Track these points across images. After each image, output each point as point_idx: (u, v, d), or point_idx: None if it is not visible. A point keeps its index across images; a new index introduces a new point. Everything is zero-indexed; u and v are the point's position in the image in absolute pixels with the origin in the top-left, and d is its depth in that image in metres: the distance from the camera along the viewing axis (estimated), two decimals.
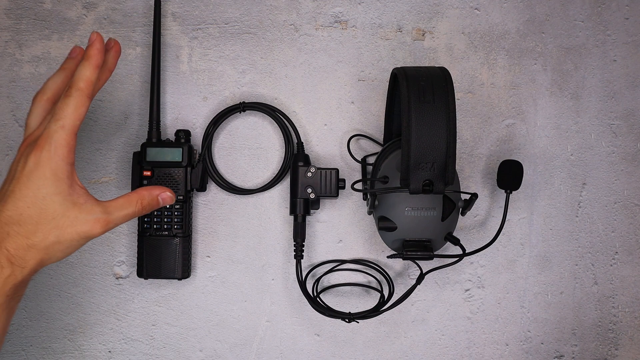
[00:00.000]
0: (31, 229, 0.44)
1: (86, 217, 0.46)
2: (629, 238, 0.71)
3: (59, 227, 0.45)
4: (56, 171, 0.45)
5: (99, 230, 0.47)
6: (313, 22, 0.71)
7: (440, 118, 0.51)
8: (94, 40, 0.48)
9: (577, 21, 0.71)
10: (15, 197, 0.45)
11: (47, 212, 0.45)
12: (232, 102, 0.70)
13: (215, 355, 0.69)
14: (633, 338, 0.70)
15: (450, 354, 0.70)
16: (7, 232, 0.44)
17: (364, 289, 0.70)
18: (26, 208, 0.44)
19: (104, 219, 0.47)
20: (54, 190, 0.45)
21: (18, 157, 0.47)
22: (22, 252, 0.44)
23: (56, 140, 0.45)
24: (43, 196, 0.45)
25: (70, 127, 0.46)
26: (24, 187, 0.45)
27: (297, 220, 0.67)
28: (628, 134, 0.71)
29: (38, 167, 0.45)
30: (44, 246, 0.45)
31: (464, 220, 0.70)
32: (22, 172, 0.45)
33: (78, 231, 0.46)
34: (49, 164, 0.45)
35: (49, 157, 0.45)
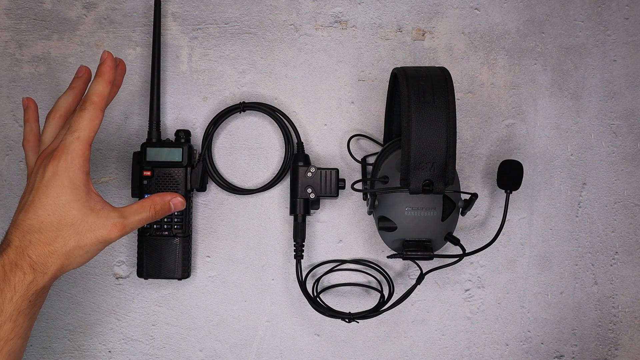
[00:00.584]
0: (52, 236, 0.46)
1: (104, 222, 0.48)
2: (629, 238, 0.71)
3: (78, 232, 0.47)
4: (73, 179, 0.47)
5: (116, 234, 0.49)
6: (313, 22, 0.71)
7: (440, 118, 0.51)
8: (106, 59, 0.52)
9: (577, 21, 0.71)
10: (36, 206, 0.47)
11: (66, 219, 0.47)
12: (232, 102, 0.70)
13: (215, 355, 0.69)
14: (633, 338, 0.70)
15: (450, 354, 0.70)
16: (29, 240, 0.46)
17: (364, 289, 0.70)
18: (46, 216, 0.47)
19: (121, 223, 0.49)
20: (72, 197, 0.47)
21: (36, 169, 0.49)
22: (43, 259, 0.46)
23: (72, 150, 0.48)
24: (62, 204, 0.47)
25: (86, 138, 0.48)
26: (43, 196, 0.47)
27: (297, 220, 0.67)
28: (628, 134, 0.71)
29: (56, 176, 0.47)
30: (64, 252, 0.47)
31: (464, 220, 0.70)
32: (41, 182, 0.47)
33: (97, 236, 0.48)
34: (67, 173, 0.47)
35: (66, 166, 0.47)
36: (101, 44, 0.70)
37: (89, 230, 0.48)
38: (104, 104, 0.50)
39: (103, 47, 0.70)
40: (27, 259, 0.46)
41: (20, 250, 0.46)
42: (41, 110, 0.70)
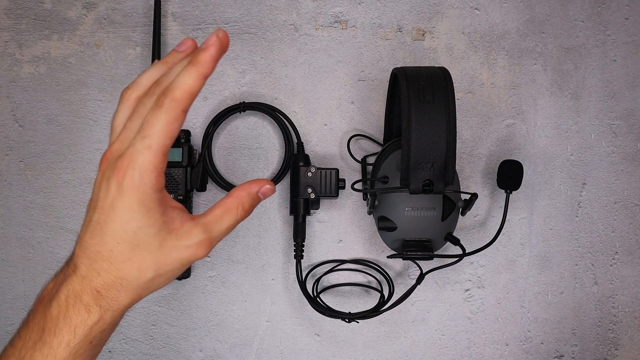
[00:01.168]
0: (125, 268, 0.38)
1: (186, 242, 0.39)
2: (629, 238, 0.70)
3: (156, 261, 0.39)
4: (144, 201, 0.37)
5: (204, 253, 0.40)
6: (313, 22, 0.71)
7: (440, 118, 0.51)
8: (211, 45, 0.37)
9: (577, 21, 0.71)
10: (103, 230, 0.38)
11: (140, 248, 0.38)
12: (232, 102, 0.70)
13: (215, 355, 0.69)
14: (633, 338, 0.70)
15: (450, 354, 0.70)
16: (97, 270, 0.38)
17: (364, 289, 0.70)
18: (116, 244, 0.38)
19: (207, 239, 0.40)
20: (146, 223, 0.38)
21: (99, 178, 0.39)
22: (114, 293, 0.38)
23: (141, 164, 0.36)
24: (134, 231, 0.37)
25: (159, 148, 0.37)
26: (109, 220, 0.37)
27: (297, 220, 0.67)
28: (628, 134, 0.71)
29: (122, 196, 0.37)
30: (141, 283, 0.39)
31: (464, 220, 0.70)
32: (106, 200, 0.37)
33: (179, 260, 0.40)
34: (135, 194, 0.37)
35: (133, 185, 0.36)
36: (101, 44, 0.70)
37: (169, 257, 0.39)
38: (188, 103, 0.37)
39: (103, 47, 0.70)
40: (93, 293, 0.37)
41: (87, 280, 0.38)
42: (40, 109, 0.70)
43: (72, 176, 0.70)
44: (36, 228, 0.69)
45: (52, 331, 0.37)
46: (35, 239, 0.69)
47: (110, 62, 0.70)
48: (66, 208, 0.69)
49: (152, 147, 0.37)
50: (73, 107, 0.70)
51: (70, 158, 0.70)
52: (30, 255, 0.69)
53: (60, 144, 0.70)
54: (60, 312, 0.37)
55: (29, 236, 0.69)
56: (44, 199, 0.69)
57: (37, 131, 0.70)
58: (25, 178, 0.69)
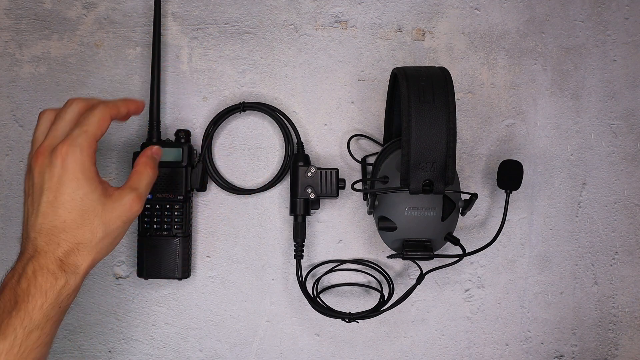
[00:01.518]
0: (79, 232, 0.46)
1: (122, 201, 0.48)
2: (629, 238, 0.70)
3: (103, 222, 0.47)
4: (85, 171, 0.46)
5: (138, 207, 0.49)
6: (313, 22, 0.71)
7: (440, 118, 0.51)
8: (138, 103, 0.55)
9: (577, 21, 0.71)
10: (54, 205, 0.46)
11: (88, 212, 0.46)
12: (232, 102, 0.70)
13: (215, 355, 0.69)
14: (633, 338, 0.70)
15: (450, 354, 0.70)
16: (56, 242, 0.45)
17: (364, 289, 0.70)
18: (68, 213, 0.46)
19: (136, 195, 0.49)
20: (89, 189, 0.46)
21: (39, 169, 0.47)
22: (73, 258, 0.46)
23: (81, 142, 0.46)
24: (81, 197, 0.46)
25: (93, 134, 0.47)
26: (59, 193, 0.46)
27: (297, 220, 0.67)
28: (628, 134, 0.71)
29: (67, 171, 0.46)
30: (94, 244, 0.46)
31: (464, 220, 0.70)
32: (52, 181, 0.46)
33: (121, 217, 0.48)
34: (78, 166, 0.46)
35: (76, 159, 0.46)
36: (101, 44, 0.70)
37: (113, 215, 0.47)
38: (115, 112, 0.50)
39: (103, 47, 0.70)
40: (57, 261, 0.45)
41: (49, 253, 0.45)
42: (40, 109, 0.70)
43: None
44: None
45: (25, 299, 0.43)
46: None
47: (110, 62, 0.70)
48: None
49: (88, 132, 0.47)
50: None
51: None
52: None
53: None
54: (30, 284, 0.44)
55: None
56: None
57: None
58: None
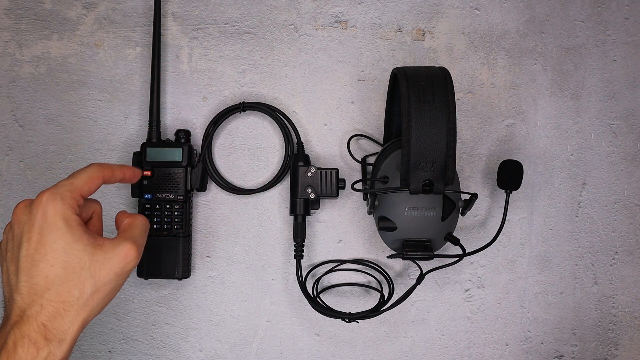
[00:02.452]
0: (63, 289, 0.40)
1: (115, 252, 0.42)
2: (629, 238, 0.70)
3: (91, 275, 0.41)
4: (67, 220, 0.41)
5: (134, 256, 0.43)
6: (313, 22, 0.71)
7: (440, 118, 0.51)
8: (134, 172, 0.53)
9: (577, 21, 0.71)
10: (34, 259, 0.40)
11: (73, 264, 0.40)
12: (232, 102, 0.70)
13: (215, 355, 0.69)
14: (633, 338, 0.70)
15: (450, 354, 0.70)
16: (39, 304, 0.39)
17: (364, 289, 0.70)
18: (49, 267, 0.40)
19: (132, 243, 0.43)
20: (72, 238, 0.41)
21: (18, 219, 0.42)
22: (59, 322, 0.39)
23: (63, 192, 0.42)
24: (63, 248, 0.40)
25: (78, 187, 0.43)
26: (39, 245, 0.40)
27: (297, 220, 0.67)
28: (628, 134, 0.71)
29: (47, 219, 0.41)
30: (82, 302, 0.40)
31: (464, 220, 0.70)
32: (31, 231, 0.41)
33: (114, 270, 0.42)
34: (59, 214, 0.41)
35: (56, 207, 0.41)
36: (101, 44, 0.70)
37: (104, 267, 0.41)
38: (108, 174, 0.47)
39: (103, 47, 0.70)
40: (40, 328, 0.38)
41: (32, 319, 0.38)
42: (40, 109, 0.70)
43: None
44: None
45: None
46: None
47: (110, 62, 0.70)
48: None
49: (74, 184, 0.43)
50: (73, 107, 0.70)
51: (70, 158, 0.70)
52: None
53: (60, 144, 0.70)
54: (9, 357, 0.38)
55: None
56: None
57: (37, 131, 0.70)
58: (25, 178, 0.69)
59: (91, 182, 0.45)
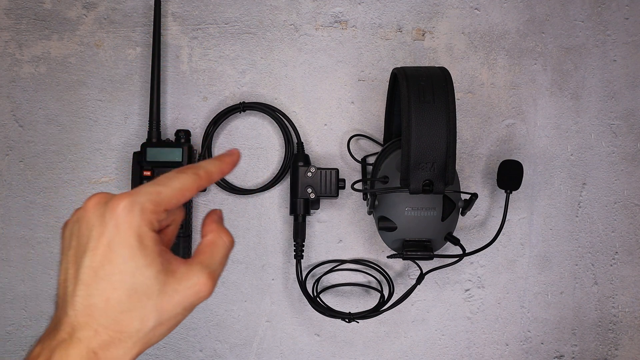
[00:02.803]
0: (124, 319, 0.34)
1: (187, 284, 0.36)
2: (629, 238, 0.70)
3: (157, 307, 0.35)
4: (142, 238, 0.35)
5: (209, 290, 0.37)
6: (313, 22, 0.71)
7: (440, 118, 0.51)
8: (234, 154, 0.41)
9: (577, 21, 0.71)
10: (97, 275, 0.34)
11: (139, 293, 0.34)
12: (232, 102, 0.70)
13: (215, 355, 0.69)
14: (633, 338, 0.70)
15: (450, 354, 0.70)
16: (94, 328, 0.34)
17: (364, 289, 0.70)
18: (113, 290, 0.34)
19: (209, 273, 0.37)
20: (144, 262, 0.34)
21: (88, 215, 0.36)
22: (112, 352, 0.34)
23: (143, 202, 0.35)
24: (132, 272, 0.34)
25: (165, 200, 0.36)
26: (106, 261, 0.34)
27: (297, 220, 0.67)
28: (628, 134, 0.71)
29: (119, 232, 0.34)
30: (142, 335, 0.35)
31: (464, 220, 0.70)
32: (100, 241, 0.34)
33: (182, 304, 0.36)
34: (133, 230, 0.34)
35: (131, 221, 0.34)
36: (101, 44, 0.70)
37: (172, 300, 0.35)
38: (205, 182, 0.38)
39: (103, 47, 0.70)
40: (90, 355, 0.33)
41: (83, 342, 0.33)
42: (40, 109, 0.70)
43: (72, 176, 0.70)
44: (36, 228, 0.69)
45: None
46: (35, 239, 0.69)
47: (110, 62, 0.70)
48: (66, 208, 0.69)
49: (160, 195, 0.36)
50: (73, 107, 0.70)
51: (70, 158, 0.70)
52: (30, 255, 0.69)
53: (60, 144, 0.70)
54: None
55: (29, 236, 0.69)
56: (44, 199, 0.69)
57: (37, 131, 0.70)
58: (25, 178, 0.69)
59: (182, 194, 0.37)
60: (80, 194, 0.69)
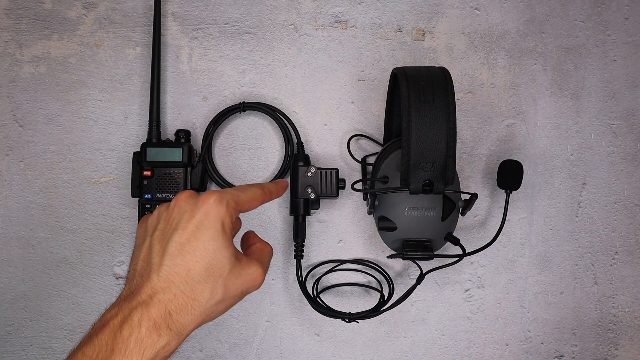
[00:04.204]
0: (198, 288, 0.40)
1: (248, 271, 0.43)
2: (629, 238, 0.70)
3: (225, 284, 0.42)
4: (224, 225, 0.42)
5: (261, 281, 0.44)
6: (313, 22, 0.71)
7: (440, 118, 0.51)
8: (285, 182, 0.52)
9: (577, 21, 0.71)
10: (184, 249, 0.41)
11: (214, 268, 0.41)
12: (232, 102, 0.70)
13: (215, 355, 0.69)
14: (633, 338, 0.70)
15: (450, 354, 0.70)
16: (173, 293, 0.40)
17: (364, 289, 0.70)
18: (195, 262, 0.40)
19: (262, 269, 0.44)
20: (223, 243, 0.42)
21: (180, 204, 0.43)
22: (183, 316, 0.40)
23: (229, 200, 0.43)
24: (213, 250, 0.41)
25: (242, 201, 0.45)
26: (193, 238, 0.41)
27: (297, 220, 0.67)
28: (628, 134, 0.71)
29: (208, 218, 0.41)
30: (209, 306, 0.41)
31: (464, 220, 0.70)
32: (190, 222, 0.41)
33: (242, 287, 0.43)
34: (220, 218, 0.42)
35: (220, 211, 0.42)
36: (101, 44, 0.70)
37: (237, 281, 0.42)
38: (267, 197, 0.48)
39: (103, 47, 0.70)
40: (167, 316, 0.39)
41: (162, 304, 0.39)
42: (40, 109, 0.70)
43: (72, 176, 0.70)
44: (36, 228, 0.69)
45: (122, 352, 0.37)
46: (35, 239, 0.69)
47: (110, 62, 0.70)
48: (66, 208, 0.69)
49: (240, 197, 0.44)
50: (73, 107, 0.70)
51: (70, 158, 0.70)
52: (30, 255, 0.69)
53: (60, 144, 0.70)
54: (132, 333, 0.38)
55: (29, 236, 0.69)
56: (44, 199, 0.69)
57: (37, 131, 0.70)
58: (25, 178, 0.69)
59: (252, 202, 0.46)
60: (80, 194, 0.69)
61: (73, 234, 0.69)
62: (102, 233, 0.69)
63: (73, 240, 0.69)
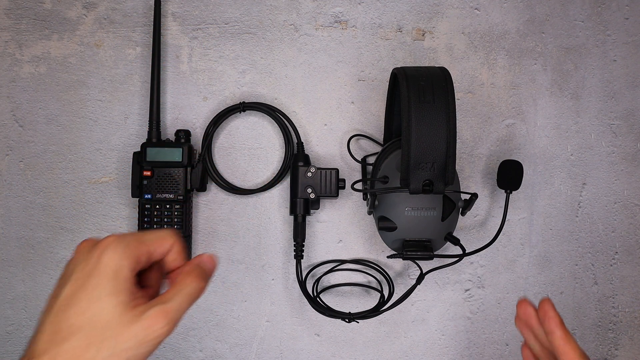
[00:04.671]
0: (81, 345, 0.36)
1: (142, 317, 0.37)
2: (629, 238, 0.70)
3: (114, 336, 0.37)
4: (118, 270, 0.37)
5: (160, 326, 0.38)
6: (313, 22, 0.71)
7: (440, 118, 0.51)
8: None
9: (577, 21, 0.71)
10: (70, 302, 0.37)
11: (99, 319, 0.37)
12: (232, 102, 0.70)
13: (215, 355, 0.69)
14: (633, 338, 0.70)
15: (450, 354, 0.70)
16: (56, 352, 0.36)
17: (364, 289, 0.70)
18: (77, 316, 0.36)
19: (161, 310, 0.38)
20: (110, 290, 0.37)
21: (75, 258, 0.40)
22: None
23: (130, 242, 0.39)
24: (97, 298, 0.37)
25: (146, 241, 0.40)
26: (81, 288, 0.37)
27: (297, 220, 0.67)
28: (628, 134, 0.71)
29: (99, 263, 0.38)
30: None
31: (464, 220, 0.70)
32: (82, 272, 0.38)
33: (137, 337, 0.37)
34: (113, 262, 0.38)
35: (115, 255, 0.38)
36: (101, 44, 0.70)
37: (128, 332, 0.37)
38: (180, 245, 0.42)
39: (103, 47, 0.70)
40: None
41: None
42: (40, 109, 0.70)
43: (72, 176, 0.70)
44: (36, 228, 0.69)
45: None
46: (35, 239, 0.69)
47: (110, 62, 0.70)
48: (66, 208, 0.69)
49: (143, 237, 0.40)
50: (73, 107, 0.70)
51: (70, 158, 0.70)
52: (30, 255, 0.69)
53: (60, 144, 0.70)
54: None
55: (29, 236, 0.69)
56: (44, 199, 0.69)
57: (37, 131, 0.70)
58: (25, 178, 0.69)
59: (158, 242, 0.41)
60: (80, 194, 0.69)
61: (73, 234, 0.69)
62: (102, 233, 0.69)
63: (73, 240, 0.69)
